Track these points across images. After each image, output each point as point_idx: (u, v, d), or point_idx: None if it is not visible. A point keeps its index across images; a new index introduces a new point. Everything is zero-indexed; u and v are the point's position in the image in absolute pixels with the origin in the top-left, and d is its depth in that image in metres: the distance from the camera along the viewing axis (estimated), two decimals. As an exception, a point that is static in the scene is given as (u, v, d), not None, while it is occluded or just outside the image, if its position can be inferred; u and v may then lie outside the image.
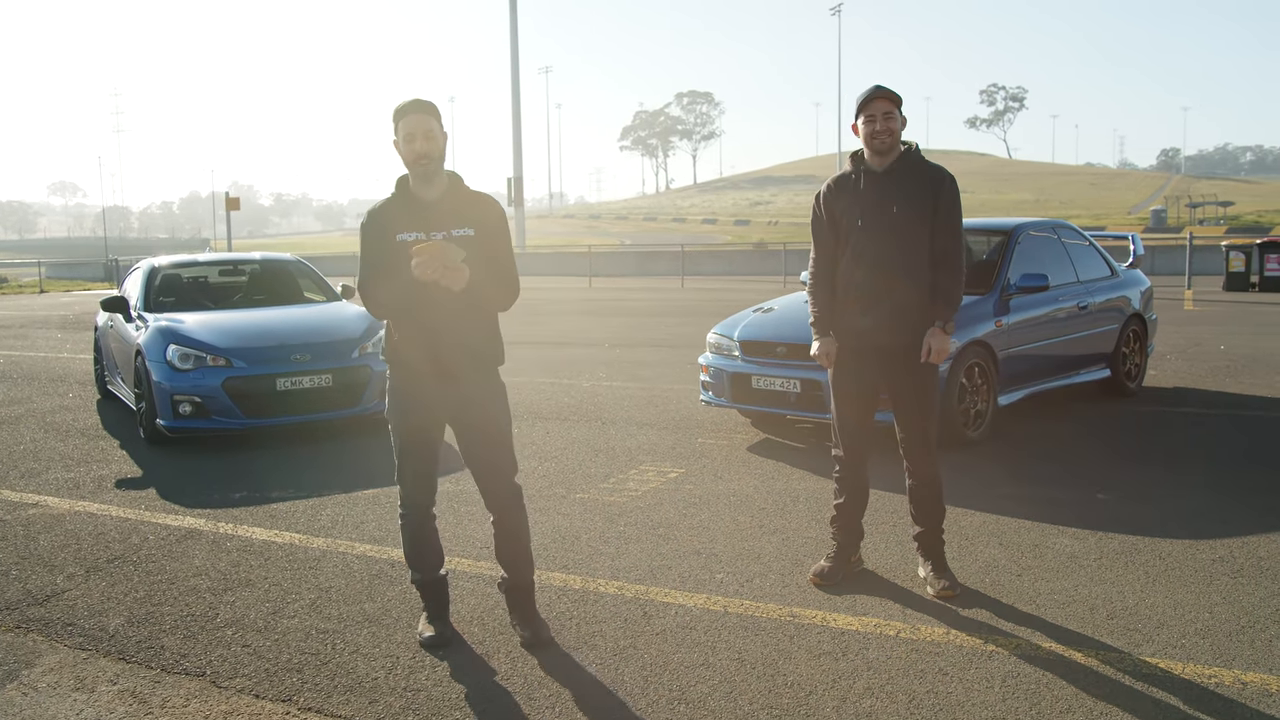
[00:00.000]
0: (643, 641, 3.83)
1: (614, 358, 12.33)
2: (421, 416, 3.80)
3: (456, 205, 3.75)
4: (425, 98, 3.76)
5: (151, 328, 7.79)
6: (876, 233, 4.18)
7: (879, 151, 4.20)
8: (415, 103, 3.70)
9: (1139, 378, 8.81)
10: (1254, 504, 5.39)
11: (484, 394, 3.82)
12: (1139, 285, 8.95)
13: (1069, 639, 3.75)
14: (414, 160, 3.67)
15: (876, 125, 4.16)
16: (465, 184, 3.84)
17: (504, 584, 3.98)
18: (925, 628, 3.89)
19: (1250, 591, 4.16)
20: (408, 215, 3.72)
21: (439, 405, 3.78)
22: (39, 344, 15.92)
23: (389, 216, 3.75)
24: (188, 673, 3.68)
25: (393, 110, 3.73)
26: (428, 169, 3.70)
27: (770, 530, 5.17)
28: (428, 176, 3.73)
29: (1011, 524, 5.15)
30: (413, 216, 3.71)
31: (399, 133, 3.69)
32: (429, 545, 3.96)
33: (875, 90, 4.20)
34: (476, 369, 3.80)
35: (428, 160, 3.68)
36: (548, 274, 37.97)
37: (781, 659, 3.64)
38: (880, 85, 4.22)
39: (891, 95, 4.19)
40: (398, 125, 3.69)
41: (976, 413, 6.90)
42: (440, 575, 4.00)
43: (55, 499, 6.15)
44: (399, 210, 3.74)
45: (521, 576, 3.94)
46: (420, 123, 3.66)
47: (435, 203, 3.73)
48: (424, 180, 3.74)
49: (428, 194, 3.74)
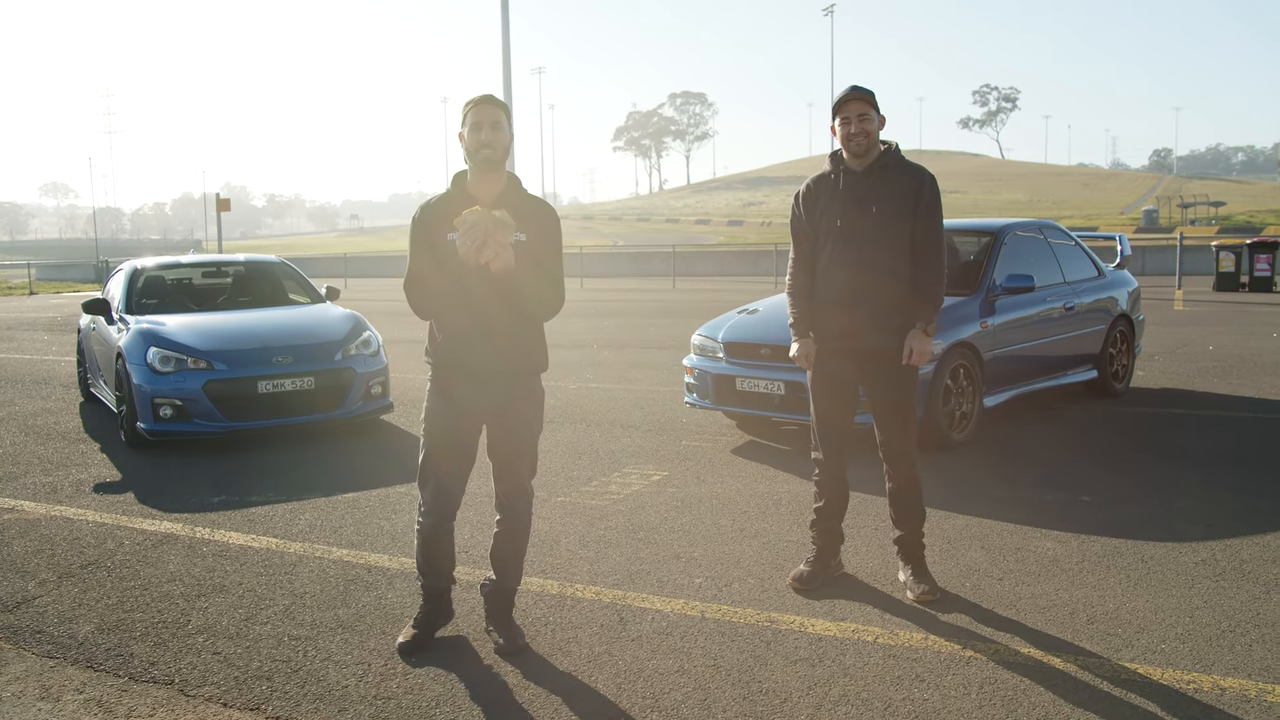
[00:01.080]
0: (618, 648, 3.78)
1: (602, 359, 12.29)
2: (459, 418, 3.72)
3: (512, 208, 3.60)
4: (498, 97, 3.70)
5: (132, 330, 7.72)
6: (856, 233, 4.14)
7: (856, 153, 4.17)
8: (488, 96, 3.66)
9: (1126, 379, 8.79)
10: (1237, 505, 5.36)
11: (523, 397, 3.76)
12: (1126, 286, 8.93)
13: (1048, 644, 3.71)
14: (477, 147, 3.58)
15: (852, 127, 4.13)
16: (524, 187, 3.76)
17: (488, 586, 3.93)
18: (903, 633, 3.85)
19: (1232, 594, 4.13)
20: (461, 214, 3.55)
21: (478, 406, 3.71)
22: (25, 346, 15.82)
23: (441, 213, 3.64)
24: (156, 681, 3.63)
25: (464, 102, 3.68)
26: (491, 159, 3.60)
27: (751, 534, 5.13)
28: (489, 168, 3.62)
29: (994, 527, 5.12)
30: None
31: (466, 122, 3.62)
32: (443, 553, 3.85)
33: (850, 91, 4.17)
34: (519, 371, 3.73)
35: (490, 150, 3.59)
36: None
37: (757, 665, 3.60)
38: (856, 86, 4.18)
39: (867, 96, 4.15)
40: (466, 115, 3.63)
41: (962, 414, 6.87)
42: (447, 586, 3.90)
43: (31, 503, 6.09)
44: (453, 208, 3.60)
45: (509, 581, 3.89)
46: (489, 113, 3.61)
47: (492, 204, 3.59)
48: (483, 174, 3.64)
49: (484, 193, 3.65)
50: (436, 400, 3.75)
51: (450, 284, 3.59)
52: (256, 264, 9.79)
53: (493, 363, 3.66)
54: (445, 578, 3.89)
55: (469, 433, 3.76)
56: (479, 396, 3.70)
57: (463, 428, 3.74)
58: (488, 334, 3.63)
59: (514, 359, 3.70)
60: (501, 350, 3.66)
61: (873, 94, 4.14)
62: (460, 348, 3.66)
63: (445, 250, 3.60)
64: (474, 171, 3.67)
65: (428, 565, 3.86)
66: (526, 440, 3.79)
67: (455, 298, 3.61)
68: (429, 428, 3.76)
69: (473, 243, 3.44)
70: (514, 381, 3.73)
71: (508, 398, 3.72)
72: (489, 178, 3.66)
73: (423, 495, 3.81)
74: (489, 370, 3.67)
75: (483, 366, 3.66)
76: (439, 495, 3.77)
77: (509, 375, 3.71)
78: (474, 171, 3.67)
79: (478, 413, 3.73)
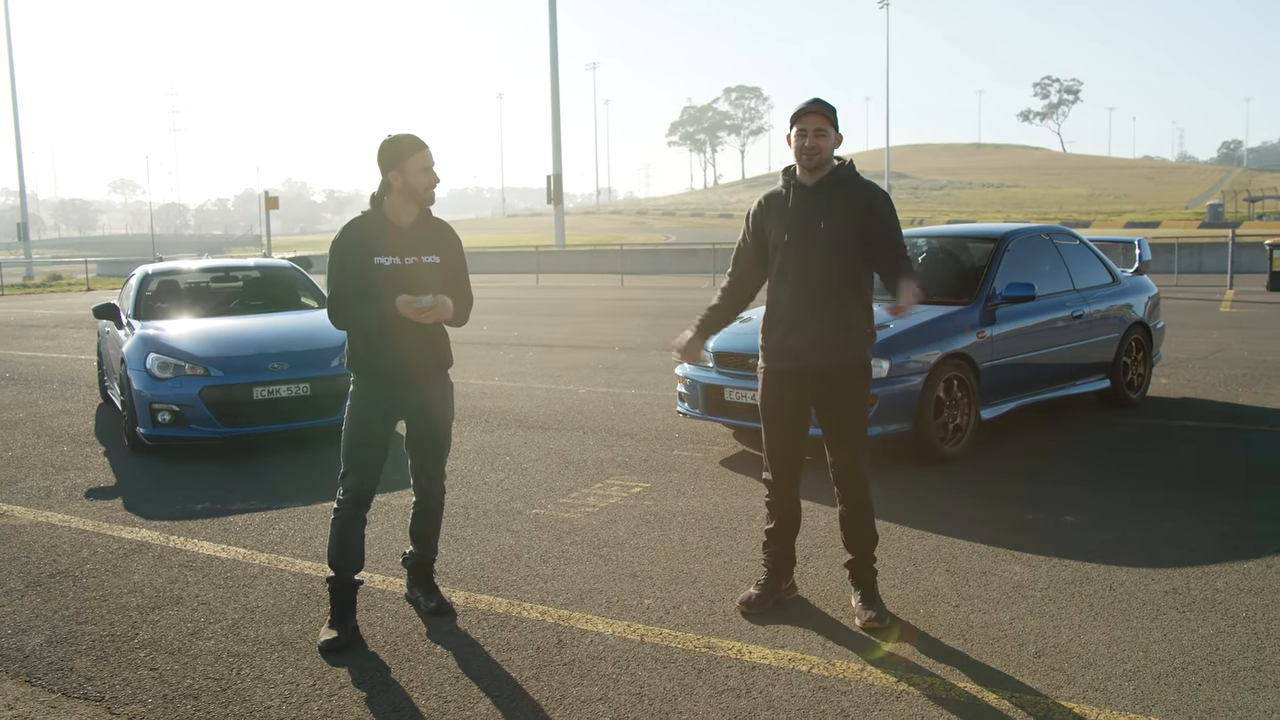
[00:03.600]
0: (547, 673, 3.74)
1: (619, 362, 12.24)
2: (384, 418, 4.12)
3: (427, 233, 4.10)
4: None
5: (135, 335, 7.85)
6: (801, 250, 4.04)
7: (808, 167, 4.06)
8: (421, 139, 4.03)
9: (1142, 388, 8.53)
10: (1225, 528, 5.15)
11: (440, 395, 4.23)
12: (1143, 292, 8.65)
13: (988, 679, 3.59)
14: (426, 188, 4.02)
15: (807, 140, 4.02)
16: (432, 213, 4.17)
17: (409, 559, 4.39)
18: (841, 663, 3.75)
19: (1195, 628, 3.96)
20: (384, 239, 4.01)
21: (401, 408, 4.14)
22: (65, 345, 16.20)
23: (366, 237, 4.02)
24: (87, 697, 3.66)
25: (407, 144, 3.99)
26: (425, 200, 4.05)
27: (715, 552, 5.05)
28: (417, 204, 4.04)
29: (965, 548, 4.98)
30: (390, 241, 4.01)
31: (416, 163, 3.97)
32: (356, 544, 4.14)
33: (810, 104, 4.06)
34: (437, 373, 4.20)
35: (432, 194, 4.06)
36: (583, 271, 37.96)
37: (682, 695, 3.53)
38: (817, 99, 4.07)
39: (826, 111, 4.04)
40: (413, 157, 3.97)
41: (955, 427, 6.70)
42: (356, 580, 4.14)
43: (23, 509, 6.21)
44: (376, 232, 4.03)
45: (430, 551, 4.37)
46: (432, 157, 4.03)
47: (409, 229, 4.05)
48: (408, 205, 4.03)
49: (403, 220, 4.05)
50: (361, 402, 4.09)
51: (380, 310, 3.94)
52: (268, 269, 9.90)
53: (413, 368, 4.09)
54: (353, 571, 4.11)
55: (389, 429, 4.14)
56: (402, 398, 4.11)
57: (384, 426, 4.12)
58: (414, 346, 4.05)
59: (432, 361, 4.15)
60: (422, 356, 4.10)
61: (833, 110, 4.03)
62: (386, 358, 4.04)
63: (371, 271, 3.99)
64: (403, 202, 4.02)
65: (340, 557, 4.08)
66: (444, 431, 4.26)
67: (383, 321, 3.96)
68: (353, 427, 4.09)
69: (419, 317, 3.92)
70: (431, 380, 4.17)
71: (428, 396, 4.15)
72: (411, 208, 4.05)
73: (343, 485, 4.10)
74: (411, 374, 4.09)
75: (405, 371, 4.08)
76: (360, 485, 4.08)
77: (427, 375, 4.15)
78: (403, 202, 4.02)
79: (399, 412, 4.15)
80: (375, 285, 3.93)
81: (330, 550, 4.11)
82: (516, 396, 9.83)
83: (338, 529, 4.10)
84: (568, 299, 24.55)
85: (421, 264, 4.02)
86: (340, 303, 3.97)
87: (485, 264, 42.93)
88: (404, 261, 3.98)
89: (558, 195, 46.68)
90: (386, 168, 3.97)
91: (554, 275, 36.40)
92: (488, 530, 5.50)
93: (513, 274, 38.91)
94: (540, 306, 22.07)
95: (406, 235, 4.02)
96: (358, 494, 4.09)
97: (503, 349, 14.00)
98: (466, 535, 5.42)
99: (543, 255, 38.34)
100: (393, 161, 3.95)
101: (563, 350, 13.71)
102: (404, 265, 3.98)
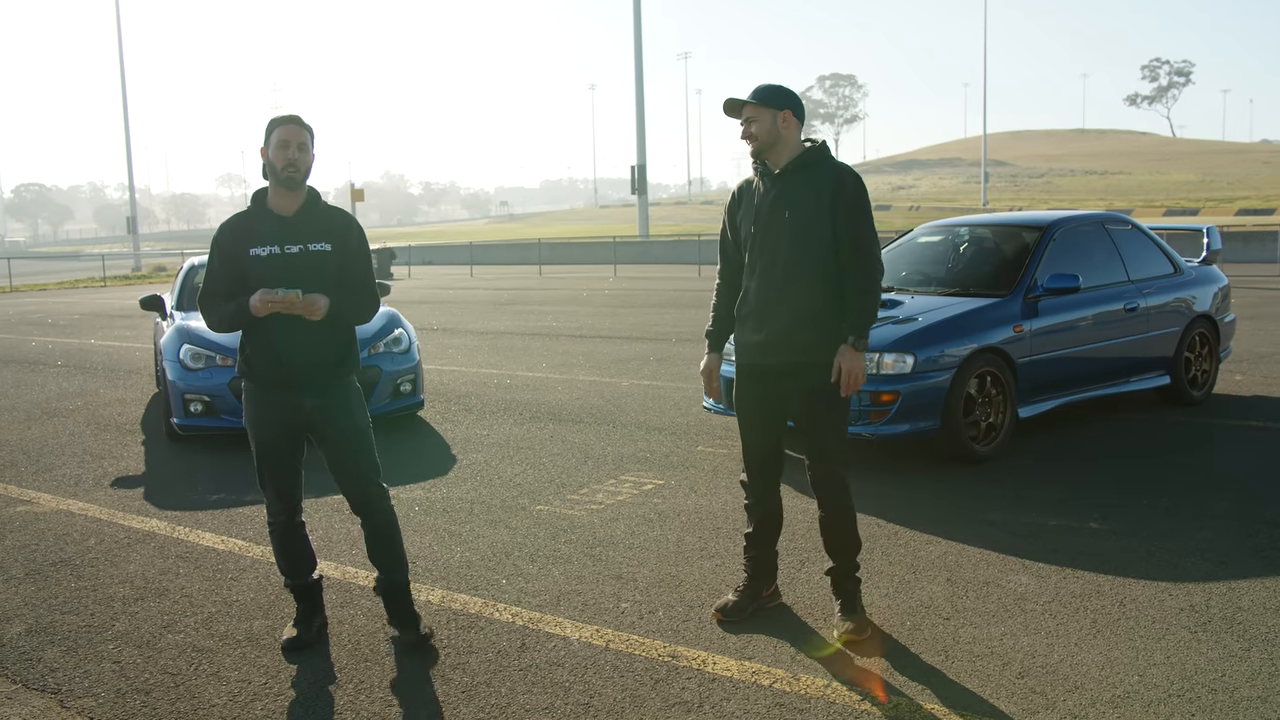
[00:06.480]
0: (499, 679, 3.61)
1: (671, 354, 12.06)
2: (276, 429, 3.87)
3: (314, 220, 3.83)
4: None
5: (173, 327, 7.99)
6: (767, 240, 3.83)
7: (757, 155, 3.86)
8: (294, 116, 3.80)
9: (1207, 385, 8.01)
10: (1264, 540, 4.75)
11: (339, 403, 3.87)
12: (1210, 283, 8.11)
13: (958, 701, 3.34)
14: (283, 166, 3.71)
15: (742, 132, 3.86)
16: (322, 200, 3.90)
17: (378, 586, 3.99)
18: (807, 678, 3.54)
19: (1204, 650, 3.64)
20: (264, 229, 3.78)
21: (293, 416, 3.84)
22: (144, 334, 16.69)
23: (244, 230, 3.81)
24: (45, 689, 3.67)
25: (271, 122, 3.79)
26: (294, 179, 3.75)
27: (709, 554, 4.86)
28: (291, 187, 3.77)
29: (974, 556, 4.69)
30: (269, 231, 3.78)
31: (271, 140, 3.75)
32: (300, 552, 4.02)
33: (729, 101, 3.89)
34: (328, 380, 3.85)
35: (294, 170, 3.74)
36: (663, 262, 37.80)
37: (631, 707, 3.37)
38: (753, 90, 3.84)
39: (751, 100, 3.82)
40: (271, 134, 3.76)
41: (989, 426, 6.36)
42: (313, 580, 4.05)
43: (49, 496, 6.35)
44: (255, 224, 3.81)
45: (396, 576, 3.95)
46: (296, 134, 3.74)
47: (292, 217, 3.80)
48: (285, 191, 3.78)
49: (285, 208, 3.80)
50: (252, 410, 3.88)
51: (238, 303, 3.73)
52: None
53: (298, 374, 3.78)
54: (307, 574, 4.01)
55: (287, 440, 3.88)
56: (292, 406, 3.81)
57: (280, 436, 3.86)
58: (292, 347, 3.75)
59: (319, 368, 3.81)
60: (305, 362, 3.77)
61: (765, 91, 3.81)
62: (266, 360, 3.78)
63: (250, 265, 3.73)
64: (276, 188, 3.77)
65: (287, 564, 3.99)
66: (356, 441, 3.88)
67: (248, 319, 3.73)
68: (254, 441, 3.91)
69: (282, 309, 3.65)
70: (324, 389, 3.83)
71: (322, 404, 3.83)
72: (290, 195, 3.79)
73: (266, 497, 3.97)
74: (298, 378, 3.79)
75: (288, 375, 3.78)
76: (277, 499, 3.93)
77: (317, 383, 3.82)
78: (276, 188, 3.77)
79: (293, 421, 3.84)
80: (253, 281, 3.68)
81: (277, 560, 4.03)
82: (557, 388, 9.75)
83: (276, 541, 4.00)
84: (637, 289, 24.43)
85: (308, 252, 3.71)
86: (205, 300, 3.79)
87: (566, 255, 43.11)
88: (284, 250, 3.69)
89: (642, 185, 46.57)
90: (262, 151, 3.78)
91: (632, 266, 36.29)
92: (485, 526, 5.41)
93: (593, 264, 38.97)
94: (609, 298, 21.99)
95: (289, 224, 3.74)
96: (280, 507, 3.94)
97: (560, 339, 13.95)
98: (463, 531, 5.33)
99: (620, 246, 38.27)
100: (264, 143, 3.75)
101: (619, 342, 13.59)
102: (285, 254, 3.69)
